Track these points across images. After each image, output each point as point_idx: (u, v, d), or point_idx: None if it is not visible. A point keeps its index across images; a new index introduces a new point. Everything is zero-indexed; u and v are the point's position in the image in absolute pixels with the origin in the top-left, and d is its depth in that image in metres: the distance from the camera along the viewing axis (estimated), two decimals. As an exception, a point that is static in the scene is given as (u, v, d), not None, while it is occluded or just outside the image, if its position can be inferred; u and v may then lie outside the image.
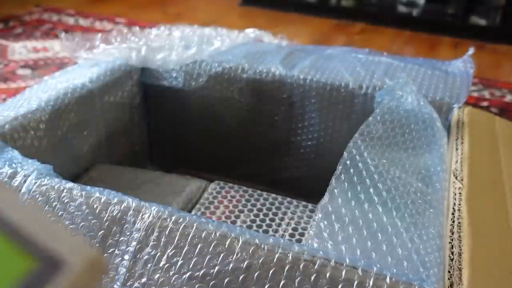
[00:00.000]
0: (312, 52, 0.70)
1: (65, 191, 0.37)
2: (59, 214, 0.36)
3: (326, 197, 0.39)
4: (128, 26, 1.62)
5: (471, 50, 0.66)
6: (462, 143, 0.51)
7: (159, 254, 0.33)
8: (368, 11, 1.86)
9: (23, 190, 0.38)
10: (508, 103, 1.20)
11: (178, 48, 0.69)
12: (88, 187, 0.37)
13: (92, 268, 0.18)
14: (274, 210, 0.55)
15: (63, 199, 0.37)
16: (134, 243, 0.34)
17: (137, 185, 0.60)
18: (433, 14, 1.80)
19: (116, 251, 0.34)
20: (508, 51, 1.57)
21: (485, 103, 1.19)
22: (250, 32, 0.77)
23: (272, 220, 0.54)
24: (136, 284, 0.33)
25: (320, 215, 0.37)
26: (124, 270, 0.34)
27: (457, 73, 0.64)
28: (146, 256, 0.33)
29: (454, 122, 0.56)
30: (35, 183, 0.38)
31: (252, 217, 0.54)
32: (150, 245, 0.34)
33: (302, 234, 0.52)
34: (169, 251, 0.33)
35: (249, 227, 0.53)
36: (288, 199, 0.57)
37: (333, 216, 0.37)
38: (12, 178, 0.39)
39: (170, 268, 0.33)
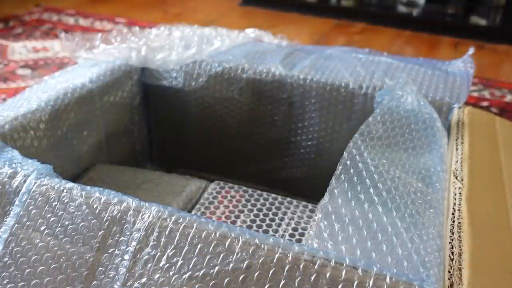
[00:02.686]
0: (312, 52, 0.70)
1: (65, 191, 0.37)
2: (59, 214, 0.36)
3: (326, 197, 0.38)
4: (128, 26, 1.62)
5: (471, 50, 0.66)
6: (462, 143, 0.51)
7: (159, 254, 0.33)
8: (368, 11, 1.86)
9: (23, 190, 0.38)
10: (508, 103, 1.20)
11: (178, 48, 0.69)
12: (88, 187, 0.37)
13: None
14: (274, 210, 0.55)
15: (63, 199, 0.37)
16: (134, 243, 0.34)
17: (137, 185, 0.60)
18: (433, 14, 1.80)
19: (116, 251, 0.34)
20: (508, 51, 1.57)
21: (485, 103, 1.19)
22: (250, 32, 0.77)
23: (272, 220, 0.54)
24: (136, 284, 0.33)
25: (320, 215, 0.37)
26: (124, 270, 0.34)
27: (457, 73, 0.64)
28: (146, 256, 0.33)
29: (454, 122, 0.56)
30: (35, 183, 0.38)
31: (252, 217, 0.54)
32: (150, 245, 0.34)
33: (302, 234, 0.52)
34: (169, 251, 0.33)
35: (249, 227, 0.53)
36: (288, 199, 0.57)
37: (333, 216, 0.37)
38: (12, 178, 0.39)
39: (170, 268, 0.33)
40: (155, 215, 0.35)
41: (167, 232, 0.34)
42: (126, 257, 0.34)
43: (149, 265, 0.33)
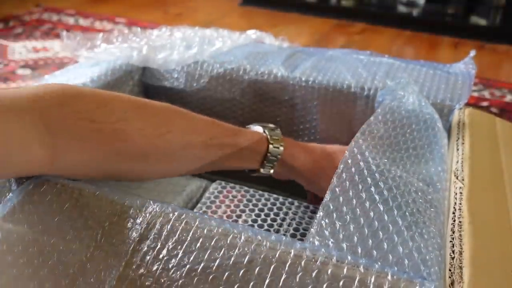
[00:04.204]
0: (313, 54, 0.70)
1: (65, 191, 0.37)
2: (60, 214, 0.36)
3: (327, 196, 0.39)
4: (128, 26, 1.62)
5: (472, 52, 0.66)
6: (463, 143, 0.51)
7: (159, 246, 0.33)
8: (368, 11, 1.87)
9: (21, 189, 0.38)
10: (508, 103, 1.20)
11: (179, 48, 0.69)
12: (89, 185, 0.38)
13: None
14: (275, 210, 0.56)
15: (63, 200, 0.37)
16: (134, 235, 0.34)
17: (138, 184, 0.60)
18: (433, 14, 1.80)
19: (117, 243, 0.34)
20: (508, 51, 1.58)
21: (485, 103, 1.19)
22: (252, 33, 0.77)
23: (273, 220, 0.54)
24: (132, 275, 0.33)
25: (321, 213, 0.37)
26: (122, 261, 0.33)
27: (458, 74, 0.64)
28: (146, 248, 0.33)
29: (455, 123, 0.56)
30: (35, 184, 0.38)
31: (254, 217, 0.54)
32: (150, 238, 0.34)
33: (303, 235, 0.52)
34: (170, 243, 0.33)
35: (251, 227, 0.53)
36: (290, 199, 0.57)
37: (335, 215, 0.37)
38: (11, 179, 0.39)
39: (169, 261, 0.33)
40: (158, 210, 0.35)
41: (169, 226, 0.34)
42: (125, 248, 0.34)
43: (147, 257, 0.33)
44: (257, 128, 0.54)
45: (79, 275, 0.33)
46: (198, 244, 0.33)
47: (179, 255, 0.33)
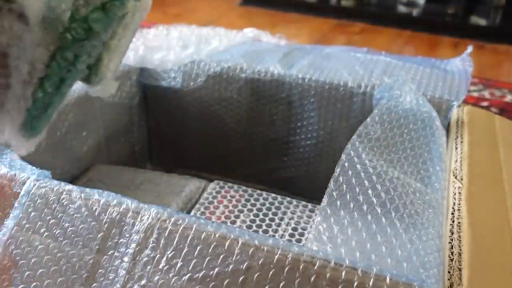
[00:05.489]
0: (310, 52, 0.70)
1: (64, 193, 0.37)
2: (59, 216, 0.36)
3: (324, 200, 0.39)
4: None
5: (469, 49, 0.66)
6: (462, 142, 0.51)
7: (158, 256, 0.33)
8: (368, 11, 1.87)
9: (22, 192, 0.38)
10: (508, 103, 1.20)
11: (176, 48, 0.69)
12: (87, 189, 0.37)
13: None
14: (273, 209, 0.55)
15: (62, 201, 0.37)
16: (133, 245, 0.34)
17: (137, 185, 0.60)
18: (433, 14, 1.80)
19: (116, 253, 0.34)
20: (508, 51, 1.57)
21: (485, 103, 1.19)
22: (248, 31, 0.76)
23: (272, 220, 0.54)
24: (135, 286, 0.33)
25: (319, 218, 0.37)
26: (124, 272, 0.33)
27: (455, 71, 0.64)
28: (146, 258, 0.33)
29: (453, 121, 0.56)
30: (34, 185, 0.38)
31: (252, 217, 0.54)
32: (149, 247, 0.34)
33: (302, 234, 0.52)
34: (168, 252, 0.33)
35: (249, 227, 0.53)
36: (288, 198, 0.57)
37: (332, 219, 0.37)
38: (11, 181, 0.39)
39: (169, 270, 0.33)
40: (154, 216, 0.34)
41: (166, 234, 0.34)
42: (126, 259, 0.34)
43: (148, 267, 0.33)
44: None
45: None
46: (196, 252, 0.33)
47: (179, 264, 0.33)
